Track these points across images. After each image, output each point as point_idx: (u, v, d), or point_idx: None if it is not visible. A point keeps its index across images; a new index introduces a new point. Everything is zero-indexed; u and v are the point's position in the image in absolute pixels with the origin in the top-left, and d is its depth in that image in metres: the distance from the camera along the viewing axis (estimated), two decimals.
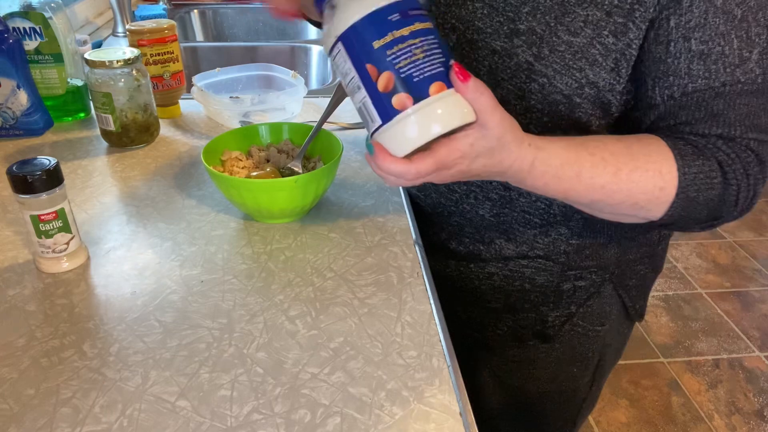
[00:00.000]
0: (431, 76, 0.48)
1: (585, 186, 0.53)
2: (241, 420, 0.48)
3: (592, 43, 0.56)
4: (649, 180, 0.53)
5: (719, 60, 0.53)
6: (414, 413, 0.49)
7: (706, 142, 0.54)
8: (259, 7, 1.80)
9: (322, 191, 0.73)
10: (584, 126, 0.61)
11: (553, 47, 0.57)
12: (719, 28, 0.52)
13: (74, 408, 0.49)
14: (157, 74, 1.01)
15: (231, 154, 0.77)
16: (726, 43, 0.52)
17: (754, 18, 0.52)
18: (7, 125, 0.93)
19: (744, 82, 0.53)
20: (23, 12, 0.93)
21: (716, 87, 0.53)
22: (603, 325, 0.77)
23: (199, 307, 0.60)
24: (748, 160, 0.53)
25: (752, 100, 0.53)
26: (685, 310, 2.08)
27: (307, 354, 0.55)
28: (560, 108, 0.60)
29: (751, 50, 0.52)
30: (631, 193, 0.53)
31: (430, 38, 0.48)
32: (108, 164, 0.87)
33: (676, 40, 0.53)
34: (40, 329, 0.57)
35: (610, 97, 0.58)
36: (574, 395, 0.83)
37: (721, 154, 0.53)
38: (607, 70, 0.57)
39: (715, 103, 0.53)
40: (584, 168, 0.52)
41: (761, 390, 1.78)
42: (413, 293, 0.62)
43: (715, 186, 0.53)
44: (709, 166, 0.53)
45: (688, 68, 0.54)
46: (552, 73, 0.58)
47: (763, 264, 2.30)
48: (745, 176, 0.53)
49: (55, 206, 0.62)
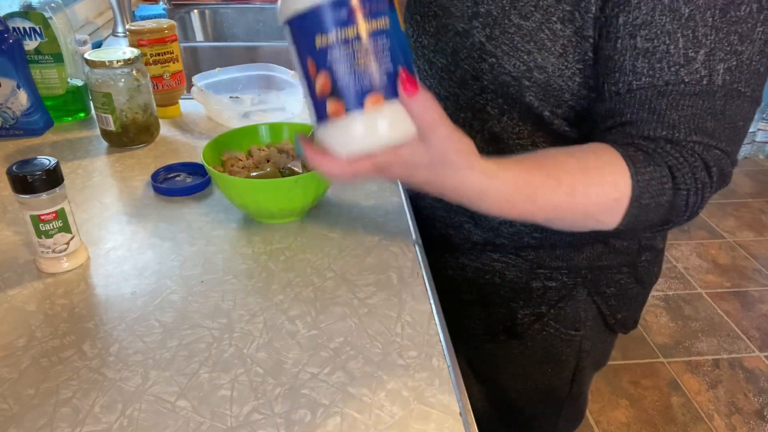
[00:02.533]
0: (370, 87, 0.44)
1: (539, 207, 0.52)
2: (241, 420, 0.48)
3: (541, 28, 0.57)
4: (603, 194, 0.52)
5: (663, 58, 0.52)
6: (414, 413, 0.49)
7: (655, 146, 0.53)
8: (259, 7, 1.80)
9: (322, 191, 0.73)
10: (536, 112, 0.62)
11: (504, 29, 0.59)
12: (665, 26, 0.51)
13: (74, 408, 0.49)
14: (157, 74, 1.01)
15: (231, 154, 0.77)
16: (671, 41, 0.51)
17: (702, 18, 0.51)
18: (7, 125, 0.93)
19: (688, 82, 0.52)
20: (23, 12, 0.93)
21: (660, 86, 0.52)
22: (577, 330, 0.76)
23: (199, 307, 0.60)
24: (696, 164, 0.53)
25: (697, 102, 0.52)
26: (685, 310, 2.08)
27: (307, 354, 0.55)
28: (511, 90, 0.61)
29: (698, 50, 0.51)
30: (585, 208, 0.53)
31: (380, 40, 0.44)
32: (108, 164, 0.87)
33: (623, 37, 0.53)
34: (40, 329, 0.57)
35: (561, 82, 0.59)
36: (552, 394, 0.83)
37: (671, 159, 0.53)
38: (555, 55, 0.58)
39: (658, 102, 0.53)
40: (538, 192, 0.51)
41: (761, 390, 1.78)
42: (413, 293, 0.62)
43: (666, 191, 0.53)
44: (660, 171, 0.52)
45: (633, 65, 0.53)
46: (501, 54, 0.60)
47: (763, 264, 2.30)
48: (693, 180, 0.53)
49: (55, 206, 0.62)
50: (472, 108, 0.67)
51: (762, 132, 3.12)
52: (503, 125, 0.66)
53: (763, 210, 2.64)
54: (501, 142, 0.67)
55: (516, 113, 0.64)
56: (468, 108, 0.68)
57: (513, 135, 0.66)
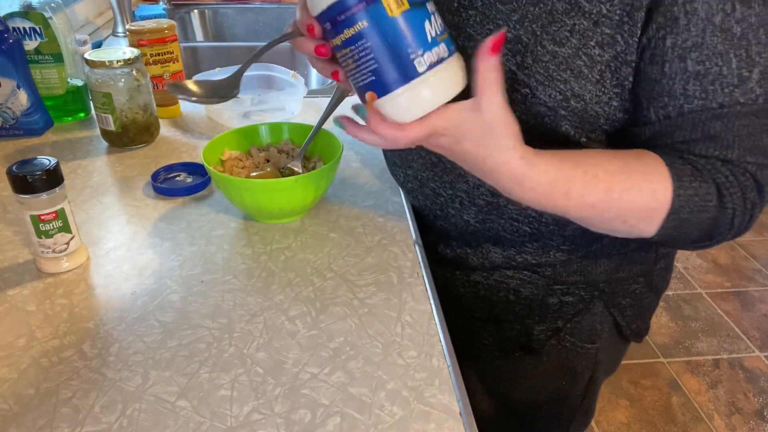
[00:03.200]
0: (365, 86, 0.48)
1: (575, 204, 0.52)
2: (241, 420, 0.48)
3: (577, 54, 0.54)
4: (641, 200, 0.51)
5: (716, 80, 0.50)
6: (414, 413, 0.49)
7: (705, 162, 0.52)
8: (259, 7, 1.80)
9: (322, 191, 0.73)
10: (572, 140, 0.60)
11: (537, 57, 0.56)
12: (717, 47, 0.49)
13: (74, 408, 0.49)
14: (157, 74, 1.01)
15: (231, 154, 0.77)
16: (724, 63, 0.50)
17: (755, 35, 0.49)
18: (7, 125, 0.93)
19: (743, 103, 0.50)
20: (23, 12, 0.93)
21: (713, 108, 0.51)
22: (593, 342, 0.75)
23: (199, 307, 0.60)
24: (747, 183, 0.52)
25: (752, 121, 0.51)
26: (685, 310, 2.08)
27: (307, 354, 0.55)
28: (545, 120, 0.58)
29: (751, 69, 0.49)
30: (621, 211, 0.52)
31: (360, 44, 0.46)
32: (108, 164, 0.87)
33: (672, 60, 0.51)
34: (40, 329, 0.57)
35: (598, 108, 0.57)
36: (564, 406, 0.82)
37: (720, 177, 0.52)
38: (592, 82, 0.55)
39: (712, 125, 0.51)
40: (575, 186, 0.51)
41: (761, 390, 1.78)
42: (413, 293, 0.62)
43: (709, 209, 0.52)
44: (706, 188, 0.51)
45: (683, 89, 0.51)
46: (535, 84, 0.56)
47: (763, 264, 2.30)
48: (742, 200, 0.52)
49: (55, 206, 0.62)
50: None
51: None
52: None
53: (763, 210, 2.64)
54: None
55: (548, 147, 0.61)
56: None
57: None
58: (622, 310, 0.74)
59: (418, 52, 0.46)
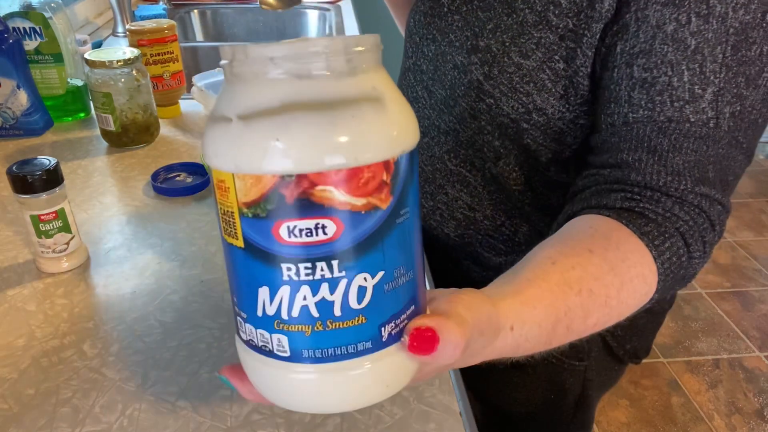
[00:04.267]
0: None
1: (577, 333, 0.45)
2: (241, 420, 0.48)
3: (542, 68, 0.53)
4: (636, 291, 0.46)
5: (665, 91, 0.47)
6: (414, 413, 0.49)
7: (663, 211, 0.48)
8: (259, 7, 1.79)
9: None
10: (534, 156, 0.58)
11: (502, 68, 0.55)
12: (667, 56, 0.47)
13: (74, 408, 0.49)
14: (157, 74, 1.01)
15: None
16: (674, 73, 0.47)
17: (711, 52, 0.46)
18: (7, 125, 0.93)
19: (693, 122, 0.47)
20: (23, 12, 0.93)
21: (661, 121, 0.48)
22: (581, 360, 0.72)
23: (199, 307, 0.60)
24: (704, 226, 0.48)
25: (701, 147, 0.47)
26: (685, 310, 2.08)
27: None
28: (509, 131, 0.57)
29: (705, 88, 0.46)
30: (620, 314, 0.47)
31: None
32: (108, 164, 0.87)
33: (620, 66, 0.50)
34: (40, 329, 0.57)
35: (561, 125, 0.55)
36: (555, 417, 0.80)
37: (681, 224, 0.48)
38: (556, 96, 0.54)
39: (659, 141, 0.48)
40: (576, 316, 0.43)
41: (761, 390, 1.78)
42: None
43: (683, 264, 0.48)
44: (676, 244, 0.47)
45: (629, 96, 0.49)
46: (498, 95, 0.56)
47: (763, 264, 2.30)
48: (702, 245, 0.48)
49: (55, 206, 0.61)
50: (473, 146, 0.64)
51: None
52: (500, 169, 0.63)
53: (763, 210, 2.64)
54: (499, 183, 0.64)
55: (513, 157, 0.60)
56: (468, 145, 0.64)
57: (510, 180, 0.63)
58: (611, 330, 0.70)
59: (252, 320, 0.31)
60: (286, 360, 0.29)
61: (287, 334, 0.29)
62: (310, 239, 0.27)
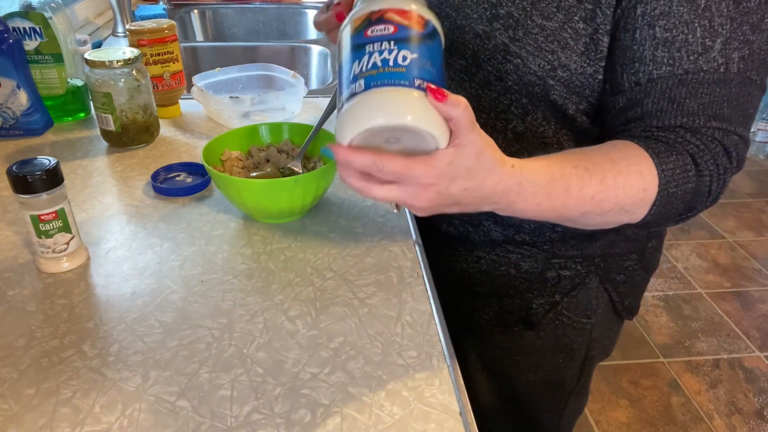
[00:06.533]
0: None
1: (576, 200, 0.52)
2: (241, 420, 0.48)
3: (563, 28, 0.59)
4: (632, 183, 0.53)
5: (682, 48, 0.54)
6: (414, 413, 0.49)
7: (675, 137, 0.55)
8: (259, 7, 1.80)
9: (322, 191, 0.73)
10: (561, 110, 0.63)
11: (527, 30, 0.60)
12: (683, 16, 0.54)
13: (74, 408, 0.49)
14: (157, 74, 1.01)
15: (231, 154, 0.77)
16: (689, 31, 0.54)
17: (717, 8, 0.53)
18: (7, 125, 0.93)
19: (706, 70, 0.54)
20: (23, 12, 0.93)
21: (679, 74, 0.55)
22: (589, 318, 0.78)
23: (199, 307, 0.60)
24: (716, 150, 0.55)
25: (714, 90, 0.54)
26: (685, 310, 2.08)
27: (307, 354, 0.55)
28: (536, 89, 0.62)
29: (714, 39, 0.53)
30: (618, 199, 0.53)
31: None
32: (108, 164, 0.87)
33: (642, 28, 0.55)
34: (40, 329, 0.57)
35: (582, 79, 0.61)
36: (560, 386, 0.84)
37: (692, 147, 0.54)
38: (577, 53, 0.59)
39: (678, 91, 0.55)
40: (572, 182, 0.51)
41: (761, 390, 1.78)
42: (413, 293, 0.62)
43: (690, 179, 0.54)
44: (683, 159, 0.54)
45: (653, 55, 0.55)
46: (525, 55, 0.61)
47: (763, 264, 2.30)
48: (715, 166, 0.54)
49: (55, 206, 0.62)
50: (495, 108, 0.68)
51: (762, 132, 3.13)
52: (527, 124, 0.67)
53: (763, 210, 2.64)
54: (524, 141, 0.68)
55: (540, 112, 0.65)
56: (491, 109, 0.68)
57: (537, 134, 0.67)
58: (616, 285, 0.77)
59: (344, 84, 0.47)
60: (364, 91, 0.46)
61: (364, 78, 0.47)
62: (384, 32, 0.47)
